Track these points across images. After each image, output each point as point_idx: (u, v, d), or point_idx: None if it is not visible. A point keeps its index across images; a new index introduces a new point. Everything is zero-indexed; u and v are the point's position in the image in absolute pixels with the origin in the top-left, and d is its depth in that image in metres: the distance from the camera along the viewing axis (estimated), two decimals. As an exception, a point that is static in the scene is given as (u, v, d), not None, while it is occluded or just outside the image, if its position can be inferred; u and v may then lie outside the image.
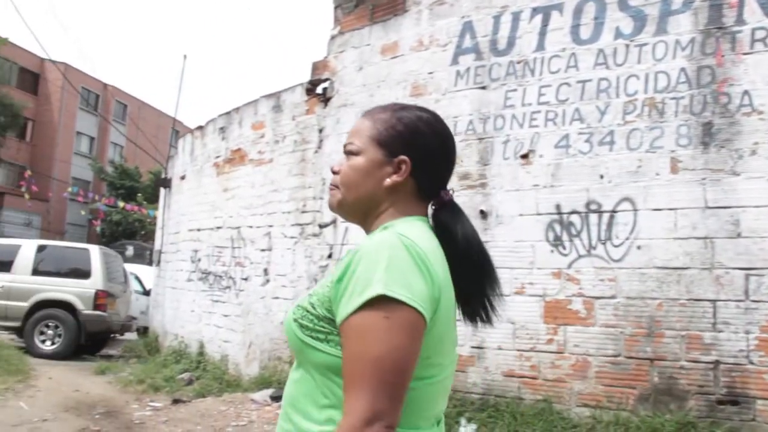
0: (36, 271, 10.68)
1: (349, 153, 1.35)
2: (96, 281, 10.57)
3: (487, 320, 1.34)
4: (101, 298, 10.50)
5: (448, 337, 1.24)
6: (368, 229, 1.35)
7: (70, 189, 25.61)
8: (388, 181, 1.30)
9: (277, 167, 8.10)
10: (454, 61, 6.43)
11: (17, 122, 25.93)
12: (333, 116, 7.43)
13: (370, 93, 7.09)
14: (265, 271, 7.99)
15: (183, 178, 10.28)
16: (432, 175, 1.33)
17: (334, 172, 1.37)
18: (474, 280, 1.30)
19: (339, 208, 1.37)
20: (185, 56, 10.92)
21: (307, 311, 1.22)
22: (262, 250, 8.11)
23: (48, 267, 10.80)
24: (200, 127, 9.92)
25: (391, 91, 6.87)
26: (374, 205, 1.32)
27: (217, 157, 9.22)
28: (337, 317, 1.16)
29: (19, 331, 10.50)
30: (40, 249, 10.89)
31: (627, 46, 5.25)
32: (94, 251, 10.87)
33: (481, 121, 6.10)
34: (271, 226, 8.03)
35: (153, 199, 28.53)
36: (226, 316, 8.60)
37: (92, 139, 34.99)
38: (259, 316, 7.94)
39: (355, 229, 7.06)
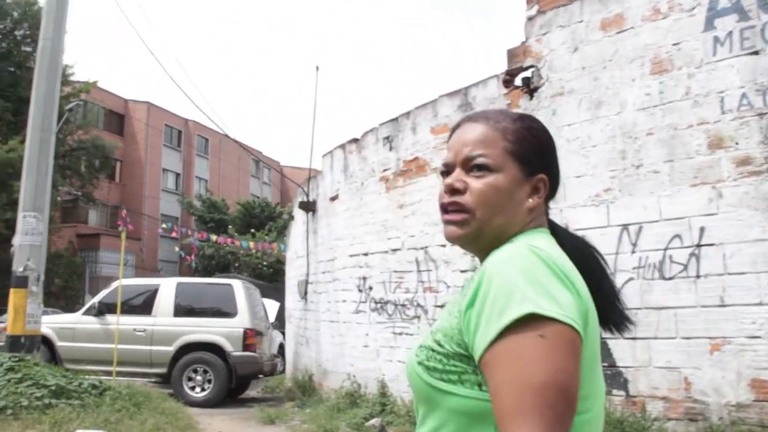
0: (178, 312, 9.51)
1: (479, 167, 1.08)
2: (243, 319, 9.34)
3: (621, 327, 1.15)
4: (250, 337, 9.27)
5: (597, 362, 1.02)
6: (488, 256, 1.05)
7: (164, 225, 24.95)
8: (530, 202, 1.10)
9: (472, 174, 6.73)
10: (709, 26, 5.19)
11: (109, 164, 25.52)
12: (546, 108, 6.13)
13: (594, 77, 5.83)
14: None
15: (334, 198, 8.99)
16: (555, 189, 1.16)
17: (456, 190, 1.09)
18: (596, 289, 1.06)
19: (472, 236, 1.09)
20: (317, 68, 9.67)
21: (433, 351, 1.00)
22: (463, 271, 6.74)
23: (190, 306, 9.64)
24: (355, 140, 8.64)
25: (623, 72, 5.67)
26: (512, 230, 1.09)
27: (385, 170, 7.90)
28: (474, 351, 0.94)
29: (164, 378, 9.31)
30: (180, 287, 9.72)
31: None
32: (238, 286, 9.67)
33: (759, 93, 4.83)
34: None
35: (243, 231, 27.74)
36: (415, 350, 7.20)
37: (177, 174, 34.51)
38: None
39: (593, 236, 5.76)
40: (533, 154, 1.12)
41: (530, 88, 6.34)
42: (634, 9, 5.63)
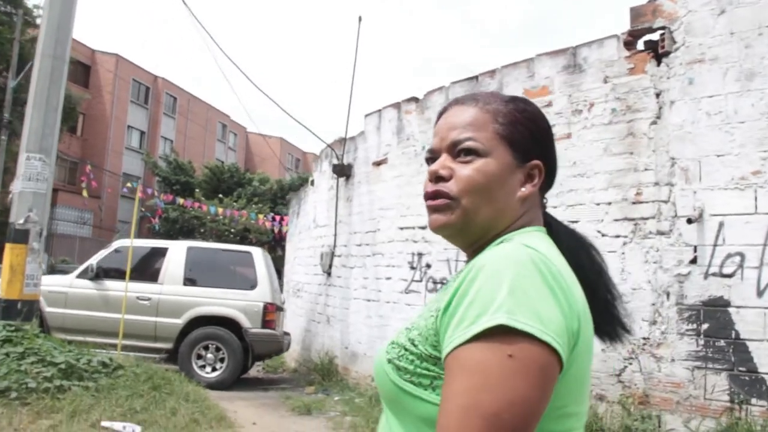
0: (188, 280, 8.14)
1: (467, 151, 0.96)
2: (263, 292, 8.07)
3: (613, 337, 1.02)
4: (270, 313, 8.01)
5: (587, 378, 0.90)
6: (477, 250, 0.96)
7: (129, 184, 22.91)
8: (522, 191, 0.97)
9: (580, 144, 5.74)
10: None
11: (73, 115, 23.15)
12: (681, 76, 5.18)
13: (746, 44, 4.93)
14: (560, 280, 5.61)
15: (381, 163, 7.76)
16: (553, 177, 1.04)
17: (440, 177, 0.97)
18: (591, 293, 0.94)
19: (457, 226, 0.96)
20: (360, 18, 8.35)
21: (406, 349, 0.89)
22: (560, 255, 5.71)
23: (202, 275, 8.27)
24: (414, 99, 7.44)
25: (784, 40, 4.69)
26: (504, 220, 0.97)
27: (456, 134, 6.74)
28: (441, 352, 0.83)
29: (170, 354, 7.95)
30: (191, 252, 8.32)
31: None
32: (258, 255, 8.36)
33: None
34: (574, 221, 5.67)
35: (210, 195, 25.99)
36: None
37: (143, 133, 32.02)
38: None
39: (736, 224, 4.87)
40: (527, 138, 0.99)
41: (658, 53, 5.34)
42: (800, -34, 4.72)
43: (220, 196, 25.92)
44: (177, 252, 8.24)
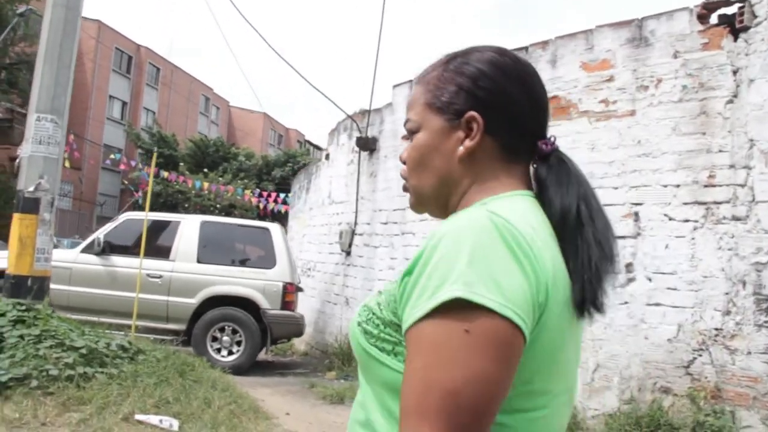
0: (202, 257, 7.57)
1: (409, 133, 0.95)
2: (282, 271, 7.53)
3: (595, 309, 0.85)
4: (290, 294, 7.49)
5: (561, 354, 0.82)
6: None
7: (112, 156, 21.91)
8: (460, 149, 0.90)
9: (645, 122, 5.34)
10: None
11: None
12: (763, 53, 4.77)
13: None
14: (629, 266, 5.27)
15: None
16: (517, 126, 0.90)
17: (403, 162, 0.97)
18: (574, 260, 0.84)
19: (418, 204, 0.97)
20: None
21: (373, 313, 0.86)
22: (619, 237, 5.28)
23: (217, 251, 7.70)
24: (452, 70, 6.92)
25: None
26: (453, 186, 0.91)
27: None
28: (402, 323, 0.78)
29: (181, 336, 7.40)
30: (205, 227, 7.73)
31: None
32: (276, 231, 7.80)
33: None
34: (638, 203, 5.30)
35: (194, 170, 25.12)
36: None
37: (124, 103, 30.66)
38: (618, 329, 5.27)
39: None
40: (453, 94, 0.90)
41: (735, 27, 4.93)
42: None
43: (205, 170, 25.08)
44: (190, 227, 7.63)
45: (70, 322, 5.56)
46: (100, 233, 7.58)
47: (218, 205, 23.91)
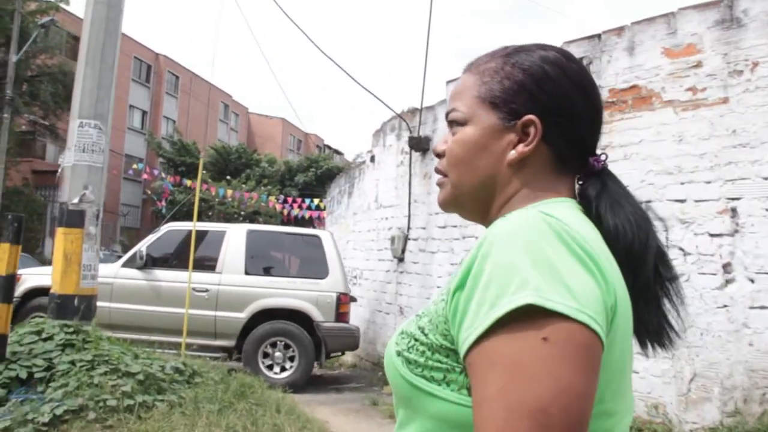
0: (250, 269, 7.12)
1: (453, 123, 0.87)
2: (335, 281, 7.07)
3: (662, 344, 0.82)
4: (344, 305, 7.03)
5: (629, 368, 0.77)
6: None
7: (135, 166, 21.61)
8: (513, 153, 0.82)
9: (740, 110, 4.82)
10: None
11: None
12: None
13: None
14: (726, 266, 4.77)
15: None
16: (574, 137, 0.84)
17: (439, 155, 0.90)
18: (633, 287, 0.78)
19: (452, 203, 0.89)
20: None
21: (415, 339, 0.76)
22: (714, 235, 4.86)
23: (265, 262, 7.27)
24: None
25: None
26: (497, 190, 0.84)
27: (577, 100, 5.77)
28: (459, 345, 0.69)
29: (231, 353, 6.96)
30: (252, 236, 7.29)
31: None
32: (327, 239, 7.34)
33: None
34: (735, 198, 4.79)
35: (216, 177, 24.83)
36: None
37: (144, 112, 30.40)
38: (717, 335, 4.78)
39: None
40: (515, 92, 0.83)
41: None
42: None
43: (228, 177, 24.75)
44: (236, 236, 7.19)
45: (121, 343, 5.14)
46: (142, 246, 7.16)
47: (242, 213, 23.58)
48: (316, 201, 20.01)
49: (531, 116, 0.81)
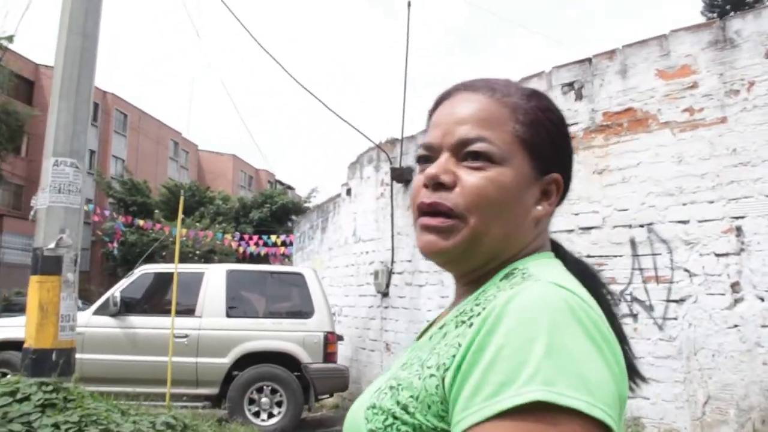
0: (232, 310, 6.72)
1: (478, 156, 0.73)
2: (321, 319, 6.74)
3: (635, 382, 0.79)
4: (332, 344, 6.70)
5: None
6: (477, 279, 0.76)
7: (86, 207, 20.70)
8: (538, 209, 0.76)
9: (739, 129, 4.86)
10: None
11: (20, 135, 20.65)
12: None
13: None
14: (735, 285, 4.75)
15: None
16: (561, 201, 0.82)
17: (441, 184, 0.73)
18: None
19: (458, 251, 0.73)
20: (409, 4, 7.26)
21: (395, 417, 0.65)
22: (720, 255, 4.84)
23: (247, 303, 6.88)
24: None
25: None
26: (514, 245, 0.75)
27: (572, 125, 5.73)
28: (452, 424, 0.61)
29: (215, 401, 6.50)
30: (232, 277, 6.89)
31: None
32: (310, 276, 7.01)
33: None
34: (739, 217, 4.79)
35: (169, 216, 24.06)
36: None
37: (92, 152, 29.25)
38: (730, 355, 4.73)
39: None
40: (548, 145, 0.77)
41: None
42: None
43: (182, 216, 24.01)
44: (215, 277, 6.78)
45: (105, 399, 4.67)
46: (115, 291, 6.67)
47: (197, 252, 22.86)
48: (273, 237, 19.62)
49: (557, 175, 0.77)
